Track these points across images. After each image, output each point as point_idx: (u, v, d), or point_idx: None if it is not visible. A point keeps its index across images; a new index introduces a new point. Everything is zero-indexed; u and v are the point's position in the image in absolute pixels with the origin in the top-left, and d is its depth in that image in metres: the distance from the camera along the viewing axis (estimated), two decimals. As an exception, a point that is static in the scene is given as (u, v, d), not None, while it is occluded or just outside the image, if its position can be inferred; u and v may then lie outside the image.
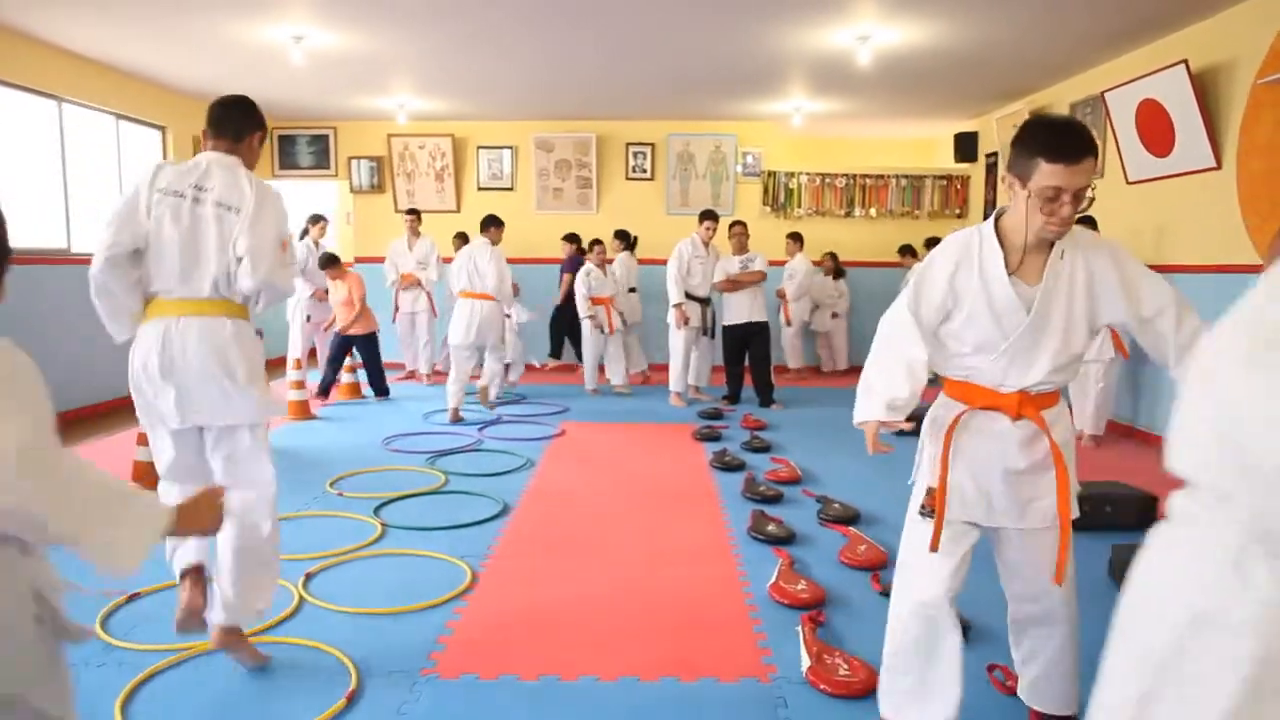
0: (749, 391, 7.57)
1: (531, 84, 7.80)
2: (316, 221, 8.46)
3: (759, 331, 7.40)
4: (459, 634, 2.93)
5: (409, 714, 2.42)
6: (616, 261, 8.40)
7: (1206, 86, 5.47)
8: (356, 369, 7.80)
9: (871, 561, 3.58)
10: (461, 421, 6.68)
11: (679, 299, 7.31)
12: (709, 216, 7.45)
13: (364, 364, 7.64)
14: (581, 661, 2.74)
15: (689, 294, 7.41)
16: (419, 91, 8.17)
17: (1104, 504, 4.02)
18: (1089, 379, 5.80)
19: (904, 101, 8.48)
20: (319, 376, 7.77)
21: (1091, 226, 6.08)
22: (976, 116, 9.16)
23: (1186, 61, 5.44)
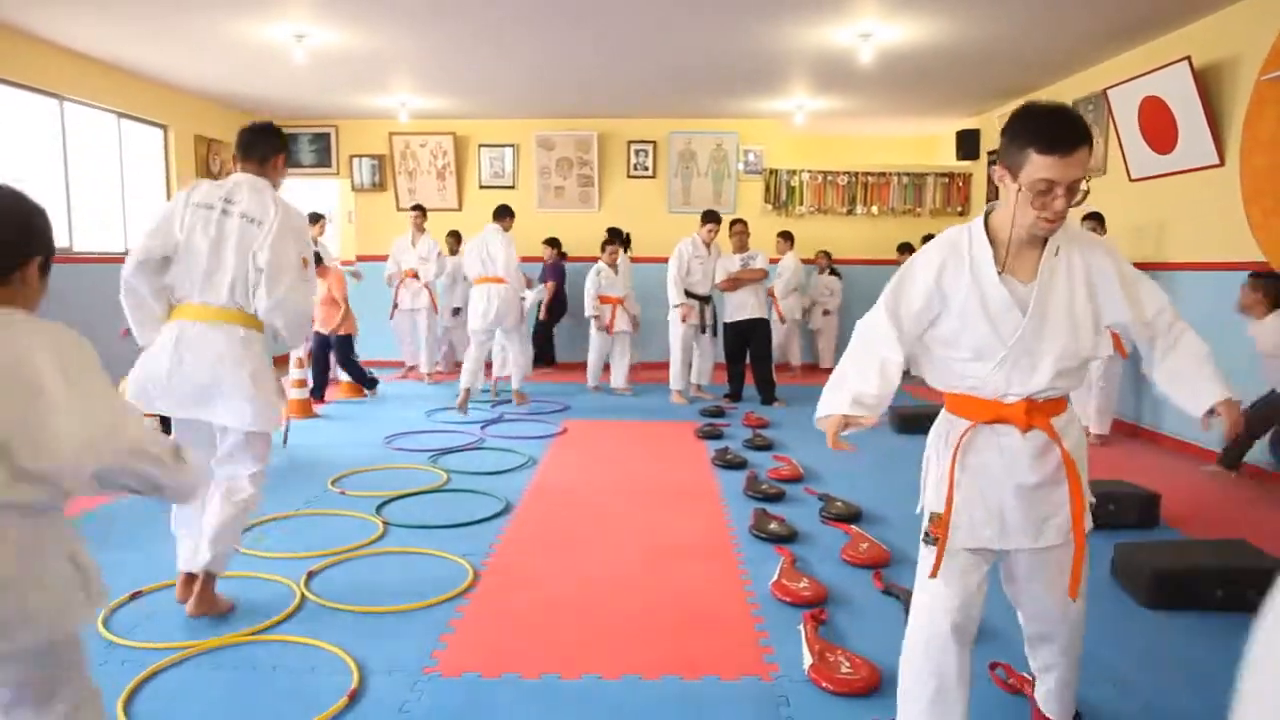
0: (751, 389, 7.57)
1: (533, 82, 7.80)
2: (315, 220, 8.44)
3: (760, 329, 7.41)
4: (461, 632, 2.93)
5: (411, 712, 2.42)
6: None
7: (1209, 83, 5.45)
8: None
9: (873, 559, 3.57)
10: (467, 412, 6.81)
11: (679, 299, 7.33)
12: (711, 219, 7.44)
13: (340, 364, 7.56)
14: (583, 660, 2.74)
15: (689, 292, 7.42)
16: (420, 90, 8.17)
17: (1107, 503, 4.00)
18: (1089, 377, 5.80)
19: (906, 99, 8.47)
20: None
21: (1100, 223, 6.09)
22: (978, 114, 9.15)
23: (1189, 58, 5.43)
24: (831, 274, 9.38)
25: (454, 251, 8.82)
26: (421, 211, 8.49)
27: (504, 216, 7.24)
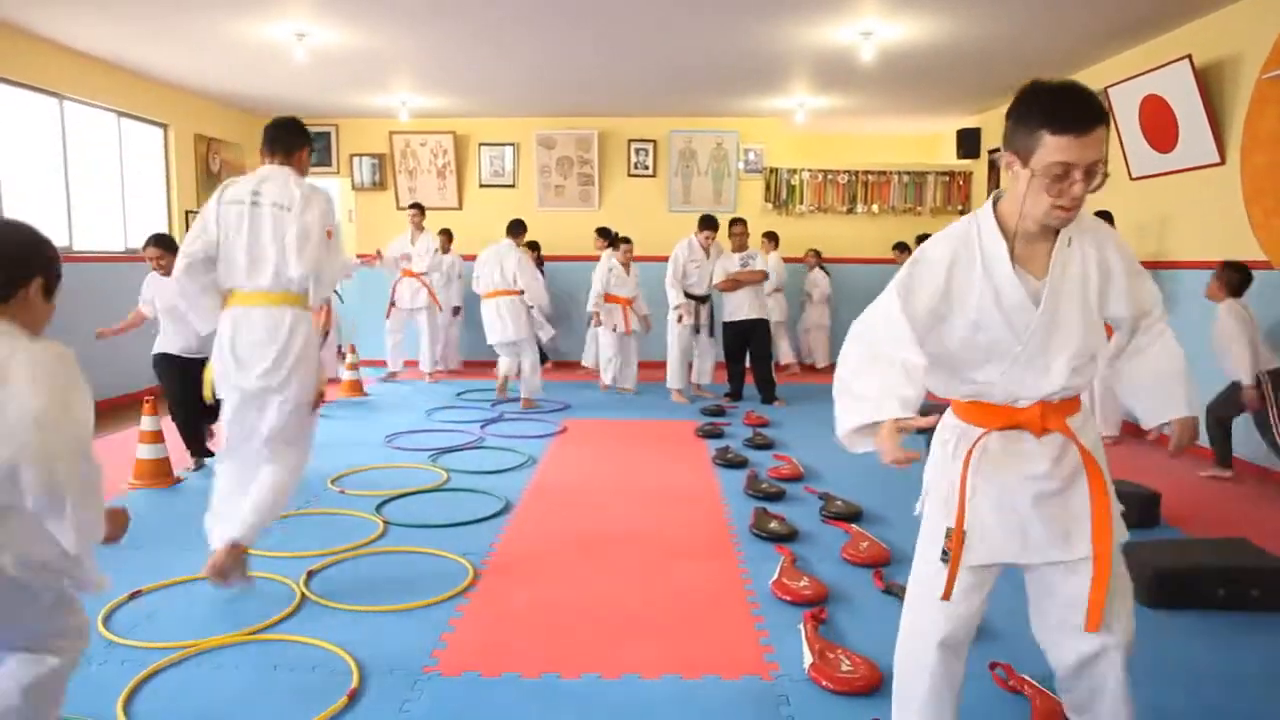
0: (751, 389, 7.57)
1: (533, 81, 7.79)
2: None
3: (759, 328, 7.41)
4: (461, 632, 2.93)
5: (411, 712, 2.41)
6: (603, 260, 8.37)
7: (1210, 82, 5.45)
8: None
9: (874, 558, 3.57)
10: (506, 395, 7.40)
11: (677, 301, 7.34)
12: (708, 225, 7.42)
13: None
14: (583, 659, 2.74)
15: (686, 292, 7.43)
16: (420, 88, 8.16)
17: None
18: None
19: (906, 97, 8.46)
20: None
21: (1109, 221, 6.08)
22: (979, 112, 9.14)
23: (1190, 56, 5.42)
24: (821, 271, 9.40)
25: (447, 249, 8.80)
26: (420, 210, 8.46)
27: (519, 232, 7.41)
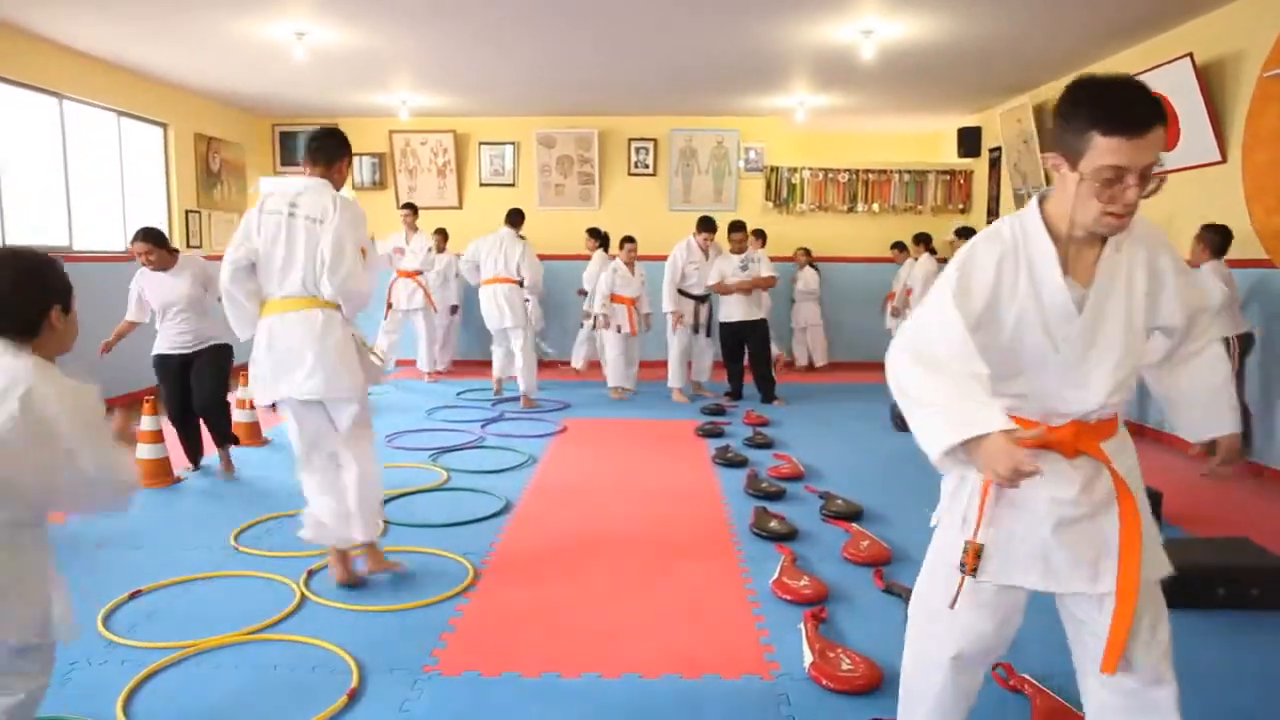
0: (751, 388, 7.57)
1: (533, 80, 7.79)
2: None
3: (758, 329, 7.42)
4: (461, 631, 2.93)
5: (411, 711, 2.41)
6: (594, 260, 8.38)
7: (1211, 80, 5.44)
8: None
9: (874, 558, 3.57)
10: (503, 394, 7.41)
11: (672, 306, 7.36)
12: (706, 227, 7.41)
13: None
14: (583, 658, 2.73)
15: (684, 292, 7.43)
16: (420, 87, 8.16)
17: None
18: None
19: (907, 96, 8.45)
20: None
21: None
22: (980, 111, 9.13)
23: (1191, 55, 5.41)
24: (811, 269, 9.41)
25: (441, 249, 8.78)
26: (413, 210, 8.41)
27: (520, 221, 7.45)
